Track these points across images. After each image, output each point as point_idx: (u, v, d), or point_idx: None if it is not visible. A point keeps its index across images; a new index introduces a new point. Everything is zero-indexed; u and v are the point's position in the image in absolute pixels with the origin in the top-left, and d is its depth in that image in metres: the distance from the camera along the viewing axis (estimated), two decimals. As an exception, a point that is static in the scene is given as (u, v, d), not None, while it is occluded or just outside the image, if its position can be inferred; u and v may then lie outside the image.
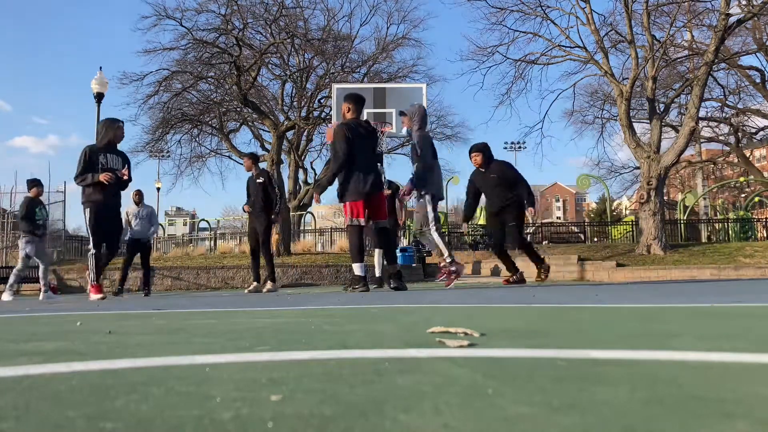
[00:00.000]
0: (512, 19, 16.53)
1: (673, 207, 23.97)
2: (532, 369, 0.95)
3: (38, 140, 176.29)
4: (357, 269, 5.81)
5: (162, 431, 0.60)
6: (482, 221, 17.74)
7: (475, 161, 7.12)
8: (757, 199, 24.70)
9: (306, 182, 23.58)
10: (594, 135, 45.04)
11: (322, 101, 20.39)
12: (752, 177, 24.46)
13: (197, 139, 21.39)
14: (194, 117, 19.28)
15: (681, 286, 5.53)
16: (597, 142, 31.90)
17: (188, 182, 53.66)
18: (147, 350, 1.33)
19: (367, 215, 5.84)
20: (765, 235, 19.79)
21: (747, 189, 29.37)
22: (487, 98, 32.70)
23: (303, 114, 19.48)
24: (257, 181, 7.97)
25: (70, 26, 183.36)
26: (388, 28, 22.40)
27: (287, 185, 19.95)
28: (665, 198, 18.30)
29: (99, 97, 15.30)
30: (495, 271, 13.33)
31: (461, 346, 1.22)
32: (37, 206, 8.34)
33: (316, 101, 20.56)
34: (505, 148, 56.82)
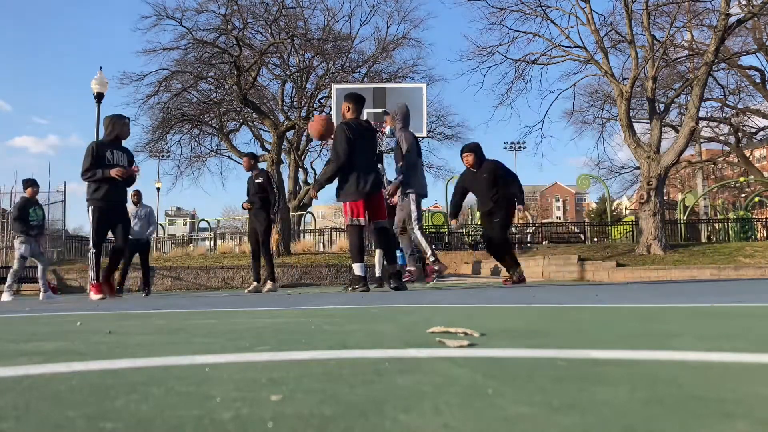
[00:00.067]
0: (512, 19, 16.51)
1: (673, 207, 23.96)
2: (532, 369, 0.95)
3: (38, 140, 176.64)
4: (357, 269, 5.81)
5: (162, 431, 0.60)
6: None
7: (467, 161, 7.13)
8: (757, 199, 24.71)
9: (306, 182, 23.58)
10: (594, 135, 45.11)
11: (322, 101, 20.40)
12: (752, 177, 24.46)
13: (197, 139, 21.42)
14: (194, 117, 19.29)
15: (681, 286, 5.53)
16: (597, 142, 31.98)
17: (188, 182, 53.92)
18: (147, 350, 1.33)
19: (367, 215, 5.84)
20: (765, 235, 19.79)
21: (747, 189, 29.36)
22: (487, 98, 32.73)
23: (303, 114, 19.49)
24: (256, 181, 7.97)
25: (70, 26, 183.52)
26: (388, 28, 22.46)
27: (287, 185, 19.95)
28: (665, 198, 18.28)
29: (99, 97, 15.30)
30: (495, 271, 13.31)
31: (461, 346, 1.22)
32: (32, 206, 8.32)
33: (316, 101, 20.58)
34: (505, 148, 56.86)
